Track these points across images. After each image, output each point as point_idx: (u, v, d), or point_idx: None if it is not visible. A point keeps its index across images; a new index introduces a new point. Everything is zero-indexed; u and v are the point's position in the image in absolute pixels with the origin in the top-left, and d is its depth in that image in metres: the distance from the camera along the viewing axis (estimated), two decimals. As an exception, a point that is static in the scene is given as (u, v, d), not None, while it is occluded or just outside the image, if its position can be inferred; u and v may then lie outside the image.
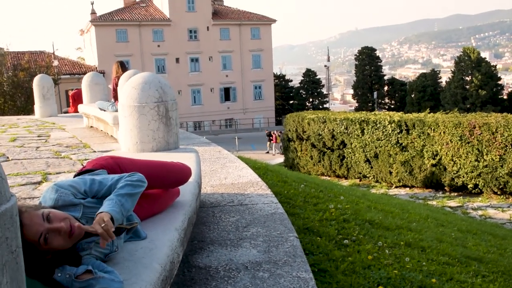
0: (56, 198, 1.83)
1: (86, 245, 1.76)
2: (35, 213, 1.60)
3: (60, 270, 1.60)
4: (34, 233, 1.56)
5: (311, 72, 57.27)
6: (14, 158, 5.40)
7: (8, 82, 22.66)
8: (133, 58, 43.15)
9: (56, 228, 1.60)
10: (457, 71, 46.65)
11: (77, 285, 1.58)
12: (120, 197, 1.88)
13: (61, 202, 1.82)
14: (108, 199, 1.87)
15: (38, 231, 1.56)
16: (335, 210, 4.63)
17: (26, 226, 1.54)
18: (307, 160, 16.61)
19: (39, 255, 1.59)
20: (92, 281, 1.58)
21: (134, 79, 4.02)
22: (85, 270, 1.61)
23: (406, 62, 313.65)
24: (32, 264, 1.54)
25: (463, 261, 4.20)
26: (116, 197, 1.87)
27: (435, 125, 12.43)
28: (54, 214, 1.63)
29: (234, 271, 2.40)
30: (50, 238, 1.58)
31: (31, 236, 1.55)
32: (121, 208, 1.84)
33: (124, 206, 1.87)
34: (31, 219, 1.57)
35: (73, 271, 1.60)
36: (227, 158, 5.31)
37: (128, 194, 1.91)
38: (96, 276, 1.59)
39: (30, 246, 1.55)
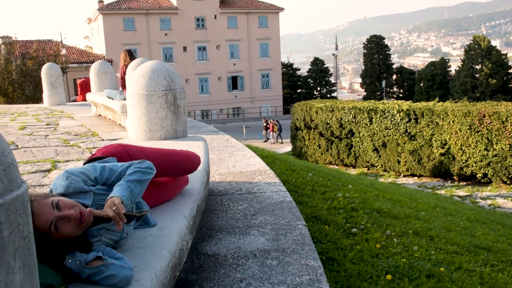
0: (67, 185, 1.84)
1: (96, 232, 1.77)
2: (45, 201, 1.61)
3: (71, 256, 1.61)
4: (44, 222, 1.57)
5: (319, 60, 56.93)
6: (24, 146, 5.44)
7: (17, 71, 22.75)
8: (141, 46, 43.13)
9: (66, 215, 1.60)
10: (466, 59, 46.16)
11: (88, 271, 1.59)
12: (130, 183, 1.89)
13: (72, 189, 1.83)
14: (118, 185, 1.89)
15: (48, 220, 1.57)
16: (343, 198, 4.62)
17: (36, 216, 1.54)
18: (315, 149, 16.59)
19: (51, 243, 1.60)
20: (102, 267, 1.59)
21: (142, 67, 4.01)
22: (95, 257, 1.62)
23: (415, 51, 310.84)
24: (43, 251, 1.55)
25: (472, 250, 4.18)
26: (126, 183, 1.89)
27: (444, 114, 12.34)
28: (63, 202, 1.64)
29: (243, 259, 2.41)
30: (60, 226, 1.59)
31: (42, 225, 1.56)
32: (130, 194, 1.86)
33: (133, 192, 1.88)
34: (41, 208, 1.58)
35: (84, 258, 1.61)
36: (235, 147, 5.31)
37: (138, 180, 1.93)
38: (106, 262, 1.60)
39: (41, 235, 1.56)
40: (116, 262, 1.62)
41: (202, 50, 46.58)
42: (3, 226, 1.00)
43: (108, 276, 1.58)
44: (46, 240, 1.58)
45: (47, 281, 1.50)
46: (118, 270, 1.59)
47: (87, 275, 1.59)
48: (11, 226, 1.02)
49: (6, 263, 1.01)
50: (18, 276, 1.05)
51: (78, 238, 1.69)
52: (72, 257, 1.61)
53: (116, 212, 1.72)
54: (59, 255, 1.61)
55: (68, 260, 1.60)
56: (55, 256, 1.60)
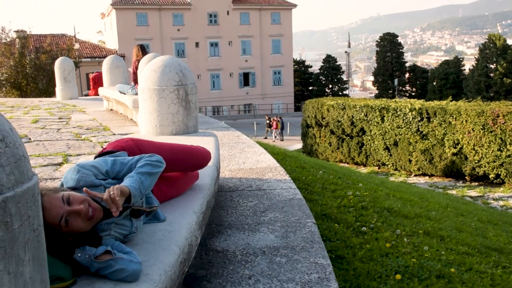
0: (78, 178, 1.84)
1: (106, 226, 1.77)
2: (55, 196, 1.62)
3: (80, 250, 1.62)
4: (55, 216, 1.57)
5: (331, 58, 56.70)
6: (36, 140, 5.49)
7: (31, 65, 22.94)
8: (153, 42, 43.27)
9: (76, 210, 1.61)
10: (481, 58, 45.64)
11: (97, 265, 1.60)
12: (140, 175, 1.90)
13: (83, 182, 1.84)
14: (128, 176, 1.90)
15: (58, 214, 1.58)
16: (353, 197, 4.60)
17: (46, 210, 1.55)
18: (326, 147, 16.53)
19: (61, 237, 1.61)
20: (111, 261, 1.59)
21: (154, 62, 4.02)
22: (104, 251, 1.63)
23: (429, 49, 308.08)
24: (53, 245, 1.56)
25: (483, 251, 4.14)
26: (136, 175, 1.90)
27: (457, 113, 12.22)
28: (73, 197, 1.64)
29: (252, 256, 2.41)
30: (71, 220, 1.60)
31: (52, 219, 1.57)
32: (140, 185, 1.86)
33: (143, 183, 1.89)
34: (51, 202, 1.59)
35: (93, 252, 1.62)
36: (246, 143, 5.30)
37: (148, 173, 1.93)
38: (115, 257, 1.61)
39: (51, 229, 1.56)
40: (125, 256, 1.62)
41: (214, 46, 46.61)
42: (13, 218, 1.00)
43: (117, 270, 1.58)
44: (56, 234, 1.59)
45: (57, 273, 1.50)
46: (127, 265, 1.59)
47: (96, 268, 1.60)
48: (22, 218, 1.03)
49: (16, 255, 1.02)
50: (28, 268, 1.05)
51: (88, 232, 1.69)
52: (81, 250, 1.62)
53: (112, 196, 1.72)
54: (68, 248, 1.62)
55: (78, 254, 1.61)
56: (64, 249, 1.61)
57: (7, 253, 0.99)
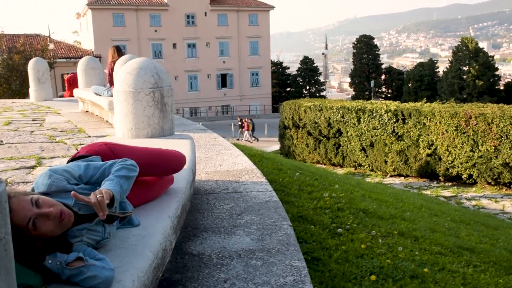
0: (49, 183, 1.81)
1: (78, 232, 1.75)
2: (24, 198, 1.59)
3: (51, 257, 1.59)
4: (22, 218, 1.54)
5: (309, 59, 57.08)
6: (8, 142, 5.37)
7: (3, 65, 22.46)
8: (130, 42, 42.83)
9: (45, 213, 1.59)
10: (454, 61, 46.59)
11: (68, 272, 1.57)
12: (119, 178, 1.89)
13: (54, 187, 1.81)
14: (108, 180, 1.88)
15: (26, 216, 1.55)
16: (329, 198, 4.63)
17: (14, 211, 1.53)
18: (303, 148, 16.62)
19: (29, 241, 1.58)
20: (83, 268, 1.57)
21: (129, 64, 3.98)
22: (76, 257, 1.60)
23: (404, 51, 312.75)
24: (22, 250, 1.53)
25: (456, 251, 4.22)
26: (116, 178, 1.89)
27: (431, 115, 12.44)
28: (43, 200, 1.62)
29: (227, 259, 2.40)
30: (39, 223, 1.57)
31: (19, 221, 1.54)
32: (120, 189, 1.86)
33: (122, 187, 1.88)
34: (19, 204, 1.56)
35: (64, 258, 1.59)
36: (223, 145, 5.29)
37: (125, 176, 1.93)
38: (87, 263, 1.58)
39: (19, 232, 1.53)
40: (97, 263, 1.60)
41: (192, 47, 46.40)
42: (-21, 227, 0.98)
43: (89, 277, 1.56)
44: (25, 238, 1.56)
45: (27, 282, 1.48)
46: (99, 271, 1.57)
47: (67, 276, 1.57)
48: (-12, 227, 1.01)
49: (-18, 265, 1.00)
50: (-6, 278, 1.03)
51: (58, 238, 1.66)
52: (52, 257, 1.59)
53: (100, 199, 1.70)
54: (39, 255, 1.59)
55: (48, 261, 1.58)
56: (34, 255, 1.58)
57: (-28, 263, 0.97)
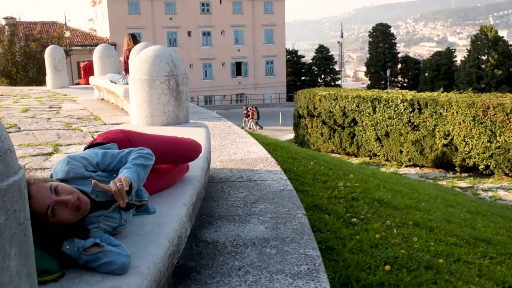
0: (68, 170, 1.83)
1: (95, 218, 1.76)
2: (43, 185, 1.61)
3: (69, 242, 1.61)
4: (42, 205, 1.56)
5: (324, 48, 56.61)
6: (26, 129, 5.44)
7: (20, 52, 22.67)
8: (145, 30, 42.90)
9: (63, 200, 1.60)
10: (473, 50, 45.79)
11: (85, 258, 1.59)
12: (136, 167, 1.90)
13: (72, 174, 1.83)
14: (126, 168, 1.88)
15: (45, 203, 1.57)
16: (344, 188, 4.62)
17: (34, 198, 1.54)
18: (317, 137, 16.56)
19: (47, 228, 1.60)
20: (99, 254, 1.59)
21: (145, 52, 3.99)
22: (93, 243, 1.62)
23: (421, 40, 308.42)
24: (40, 236, 1.55)
25: (471, 242, 4.19)
26: (133, 166, 1.89)
27: (448, 104, 12.28)
28: (62, 187, 1.63)
29: (242, 247, 2.41)
30: (58, 211, 1.59)
31: (39, 208, 1.56)
32: (138, 177, 1.87)
33: (140, 175, 1.89)
34: (39, 191, 1.57)
35: (81, 244, 1.61)
36: (237, 134, 5.30)
37: (142, 165, 1.93)
38: (103, 249, 1.60)
39: (38, 219, 1.56)
40: (113, 249, 1.62)
41: (207, 35, 46.32)
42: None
43: (105, 263, 1.58)
44: (43, 224, 1.58)
45: (45, 266, 1.50)
46: (116, 257, 1.59)
47: (84, 261, 1.59)
48: (7, 212, 1.02)
49: (2, 249, 1.01)
50: (14, 263, 1.05)
51: (75, 224, 1.68)
52: (69, 243, 1.61)
53: (120, 187, 1.72)
54: (56, 240, 1.61)
55: (66, 246, 1.60)
56: (52, 241, 1.60)
57: (-8, 247, 0.98)
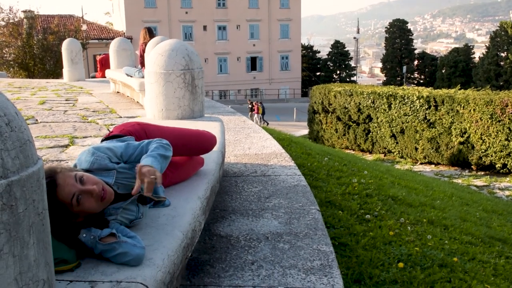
0: (92, 161, 1.85)
1: (113, 210, 1.79)
2: (69, 174, 1.64)
3: (86, 231, 1.64)
4: (67, 193, 1.59)
5: (340, 44, 56.22)
6: (43, 121, 5.51)
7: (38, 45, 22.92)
8: (161, 24, 43.06)
9: (89, 190, 1.63)
10: (492, 46, 45.05)
11: (100, 247, 1.61)
12: (159, 156, 1.93)
13: (97, 165, 1.85)
14: (150, 156, 1.91)
15: (70, 192, 1.59)
16: (358, 184, 4.60)
17: (60, 186, 1.58)
18: (332, 133, 16.50)
19: (70, 217, 1.63)
20: (115, 244, 1.61)
21: (161, 45, 4.00)
22: (109, 233, 1.64)
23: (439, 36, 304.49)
24: (62, 224, 1.58)
25: (487, 241, 4.14)
26: (157, 155, 1.92)
27: (465, 102, 12.13)
28: (87, 177, 1.66)
29: (255, 241, 2.42)
30: (82, 200, 1.61)
31: (64, 196, 1.58)
32: (161, 167, 1.90)
33: (162, 165, 1.92)
34: (65, 180, 1.60)
35: (98, 233, 1.64)
36: (252, 128, 5.30)
37: (163, 155, 1.97)
38: (119, 240, 1.62)
39: (62, 207, 1.58)
40: (129, 240, 1.64)
41: (222, 30, 46.32)
42: (18, 202, 1.01)
43: (120, 254, 1.60)
44: (67, 213, 1.61)
45: (62, 256, 1.52)
46: (130, 249, 1.61)
47: (99, 250, 1.62)
48: (26, 202, 1.04)
49: (21, 238, 1.03)
50: (32, 251, 1.07)
51: (96, 215, 1.71)
52: (87, 231, 1.64)
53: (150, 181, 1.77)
54: (76, 229, 1.63)
55: (83, 234, 1.63)
56: (72, 230, 1.62)
57: (12, 236, 1.00)
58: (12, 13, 24.13)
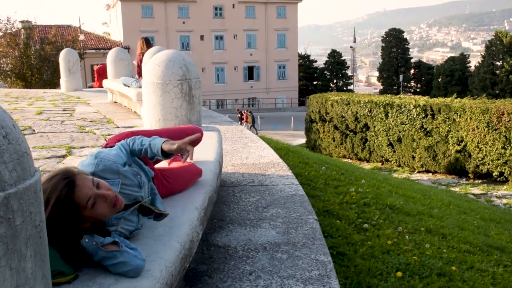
0: (97, 163, 1.86)
1: (115, 220, 1.78)
2: (87, 177, 1.67)
3: (89, 236, 1.63)
4: (84, 195, 1.60)
5: (336, 53, 56.49)
6: (40, 131, 5.51)
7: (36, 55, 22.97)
8: (158, 34, 43.22)
9: (104, 194, 1.64)
10: (487, 55, 45.36)
11: (102, 253, 1.60)
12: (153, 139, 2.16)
13: (102, 166, 1.86)
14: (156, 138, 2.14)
15: (87, 194, 1.61)
16: (355, 193, 4.60)
17: (78, 187, 1.59)
18: (329, 142, 16.52)
19: (79, 220, 1.62)
20: (116, 252, 1.60)
21: (158, 56, 4.02)
22: (112, 241, 1.64)
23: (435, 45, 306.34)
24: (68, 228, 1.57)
25: (485, 249, 4.14)
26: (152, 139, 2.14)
27: (462, 110, 12.17)
28: (102, 183, 1.69)
29: (253, 251, 2.41)
30: (97, 204, 1.63)
31: (81, 197, 1.59)
32: None
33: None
34: (83, 181, 1.62)
35: (100, 240, 1.63)
36: (249, 138, 5.30)
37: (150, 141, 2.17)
38: (121, 249, 1.62)
39: (75, 209, 1.59)
40: (130, 251, 1.64)
41: (219, 39, 46.52)
42: (15, 215, 1.01)
43: (120, 263, 1.59)
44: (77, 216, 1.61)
45: (59, 268, 1.51)
46: (131, 259, 1.60)
47: (100, 257, 1.61)
48: (24, 214, 1.03)
49: (18, 251, 1.02)
50: (29, 264, 1.06)
51: (98, 224, 1.70)
52: (89, 237, 1.63)
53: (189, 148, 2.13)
54: (79, 234, 1.63)
55: (85, 239, 1.62)
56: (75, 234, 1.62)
57: (9, 249, 1.00)
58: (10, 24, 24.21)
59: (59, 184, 1.57)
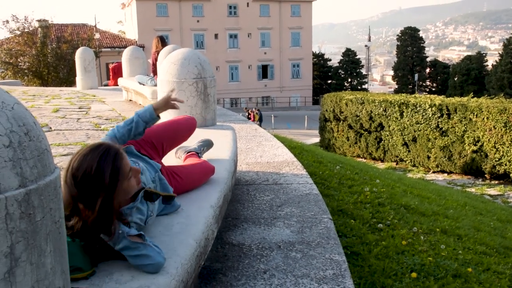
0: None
1: (128, 211, 1.80)
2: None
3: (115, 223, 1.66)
4: (128, 165, 1.76)
5: (351, 51, 56.17)
6: (57, 129, 5.57)
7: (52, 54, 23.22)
8: (173, 33, 43.40)
9: (137, 169, 1.82)
10: (505, 54, 44.66)
11: (126, 242, 1.62)
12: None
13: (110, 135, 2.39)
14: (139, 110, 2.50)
15: (129, 164, 1.77)
16: (370, 193, 4.57)
17: (124, 159, 1.74)
18: (343, 141, 16.44)
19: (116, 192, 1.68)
20: (140, 245, 1.63)
21: (173, 54, 4.04)
22: (137, 234, 1.67)
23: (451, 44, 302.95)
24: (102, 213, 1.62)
25: (502, 251, 4.08)
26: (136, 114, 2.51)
27: (478, 110, 12.02)
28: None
29: (267, 250, 2.42)
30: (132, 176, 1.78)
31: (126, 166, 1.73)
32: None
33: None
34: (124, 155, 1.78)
35: (126, 230, 1.66)
36: (263, 137, 5.30)
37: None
38: (146, 242, 1.64)
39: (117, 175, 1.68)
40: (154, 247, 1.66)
41: (233, 38, 46.55)
42: (36, 211, 1.02)
43: (142, 255, 1.61)
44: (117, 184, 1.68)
45: (76, 264, 1.54)
46: (155, 254, 1.62)
47: (123, 246, 1.62)
48: (44, 210, 1.05)
49: (38, 246, 1.04)
50: (49, 259, 1.08)
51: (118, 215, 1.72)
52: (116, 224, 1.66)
53: None
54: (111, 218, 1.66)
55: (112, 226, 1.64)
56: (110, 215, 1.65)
57: (29, 244, 1.01)
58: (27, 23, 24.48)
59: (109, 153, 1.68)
